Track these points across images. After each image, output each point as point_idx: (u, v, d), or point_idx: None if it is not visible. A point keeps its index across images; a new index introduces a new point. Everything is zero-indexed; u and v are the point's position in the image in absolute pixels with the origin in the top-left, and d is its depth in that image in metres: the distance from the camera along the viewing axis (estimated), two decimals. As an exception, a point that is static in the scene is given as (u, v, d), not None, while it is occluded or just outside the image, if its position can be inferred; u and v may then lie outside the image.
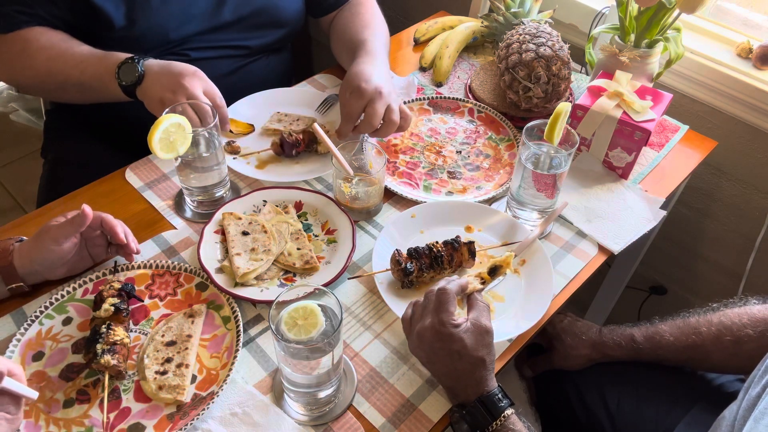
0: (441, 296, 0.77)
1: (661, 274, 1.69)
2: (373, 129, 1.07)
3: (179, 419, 0.77)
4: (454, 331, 0.74)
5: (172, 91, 0.99)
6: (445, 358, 0.76)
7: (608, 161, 1.15)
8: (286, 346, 0.70)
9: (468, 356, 0.74)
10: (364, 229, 1.04)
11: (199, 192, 1.02)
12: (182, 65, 1.02)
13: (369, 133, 1.09)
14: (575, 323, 1.06)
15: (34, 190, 1.29)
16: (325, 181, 1.11)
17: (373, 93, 1.05)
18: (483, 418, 0.74)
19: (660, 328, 1.00)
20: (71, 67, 1.07)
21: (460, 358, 0.75)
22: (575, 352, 1.04)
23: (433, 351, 0.76)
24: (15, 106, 2.52)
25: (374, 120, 1.05)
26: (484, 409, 0.74)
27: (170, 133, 0.90)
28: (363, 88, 1.05)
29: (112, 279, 0.91)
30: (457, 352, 0.74)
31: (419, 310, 0.80)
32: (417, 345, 0.78)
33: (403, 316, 0.82)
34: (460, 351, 0.74)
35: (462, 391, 0.77)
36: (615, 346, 1.01)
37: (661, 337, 0.98)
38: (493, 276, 0.86)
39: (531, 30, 1.20)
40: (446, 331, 0.74)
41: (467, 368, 0.75)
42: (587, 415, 1.02)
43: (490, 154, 1.19)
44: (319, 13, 1.38)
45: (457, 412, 0.78)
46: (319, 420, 0.78)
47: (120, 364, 0.78)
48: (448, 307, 0.76)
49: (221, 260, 0.95)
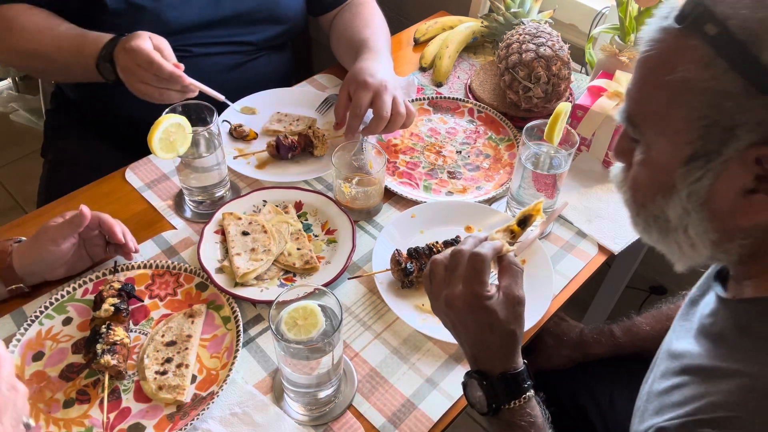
0: (475, 264, 0.68)
1: (661, 274, 1.69)
2: (384, 122, 1.06)
3: (179, 419, 0.77)
4: (487, 304, 0.67)
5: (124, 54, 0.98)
6: (473, 329, 0.69)
7: (608, 161, 1.15)
8: (286, 346, 0.70)
9: (499, 329, 0.68)
10: (364, 229, 1.04)
11: (199, 192, 1.02)
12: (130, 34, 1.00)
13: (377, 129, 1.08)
14: (560, 324, 1.08)
15: (34, 190, 1.29)
16: (325, 181, 1.11)
17: (379, 86, 1.05)
18: (503, 395, 0.68)
19: (636, 320, 1.04)
20: (54, 49, 1.07)
21: (491, 330, 0.68)
22: (557, 353, 1.05)
23: (460, 320, 0.70)
24: (15, 106, 2.52)
25: (383, 112, 1.05)
26: (506, 385, 0.68)
27: (170, 133, 0.90)
28: (369, 81, 1.05)
29: (112, 279, 0.91)
30: (488, 324, 0.68)
31: (444, 271, 0.71)
32: (442, 310, 0.72)
33: (424, 272, 0.75)
34: (492, 324, 0.68)
35: (487, 362, 0.70)
36: (595, 344, 1.04)
37: (639, 328, 1.02)
38: (524, 227, 0.76)
39: (531, 30, 1.20)
40: (479, 304, 0.68)
41: (496, 341, 0.69)
42: (579, 414, 1.03)
43: (490, 154, 1.19)
44: (318, 12, 1.38)
45: (476, 378, 0.71)
46: (319, 420, 0.78)
47: (120, 364, 0.78)
48: (482, 277, 0.68)
49: (221, 260, 0.95)
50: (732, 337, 0.55)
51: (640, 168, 0.57)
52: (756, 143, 0.47)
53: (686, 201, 0.53)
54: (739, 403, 0.49)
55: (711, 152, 0.49)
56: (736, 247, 0.54)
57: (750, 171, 0.48)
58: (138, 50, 0.96)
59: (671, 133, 0.52)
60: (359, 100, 1.05)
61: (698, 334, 0.61)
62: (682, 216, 0.55)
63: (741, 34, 0.45)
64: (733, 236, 0.53)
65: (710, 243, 0.55)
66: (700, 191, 0.52)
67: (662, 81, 0.50)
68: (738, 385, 0.50)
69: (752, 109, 0.46)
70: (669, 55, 0.50)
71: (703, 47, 0.47)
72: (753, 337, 0.53)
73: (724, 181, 0.50)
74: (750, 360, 0.51)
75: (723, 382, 0.52)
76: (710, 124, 0.48)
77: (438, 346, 0.87)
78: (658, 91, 0.51)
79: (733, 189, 0.50)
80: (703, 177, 0.51)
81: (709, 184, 0.51)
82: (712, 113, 0.48)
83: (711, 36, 0.46)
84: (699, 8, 0.47)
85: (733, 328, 0.56)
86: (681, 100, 0.49)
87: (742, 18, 0.45)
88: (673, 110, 0.50)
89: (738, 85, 0.46)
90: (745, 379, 0.50)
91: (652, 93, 0.52)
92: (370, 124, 1.07)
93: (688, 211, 0.54)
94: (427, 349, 0.87)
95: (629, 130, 0.58)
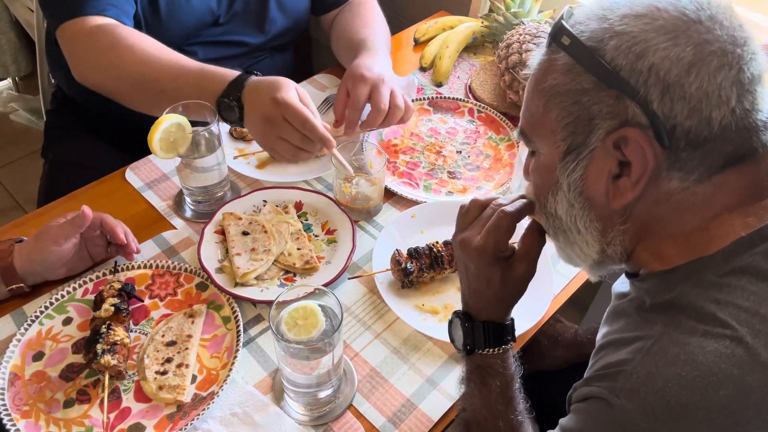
0: (500, 220, 0.70)
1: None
2: (382, 115, 1.06)
3: (179, 419, 0.77)
4: (494, 261, 0.70)
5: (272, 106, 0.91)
6: (473, 277, 0.73)
7: (608, 161, 1.15)
8: (286, 346, 0.70)
9: (495, 287, 0.71)
10: (364, 229, 1.04)
11: (199, 192, 1.02)
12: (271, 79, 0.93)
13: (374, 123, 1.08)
14: (554, 324, 1.09)
15: (34, 190, 1.29)
16: (325, 181, 1.11)
17: (376, 79, 1.06)
18: (480, 340, 0.73)
19: None
20: (167, 79, 0.97)
21: (487, 285, 0.72)
22: (551, 353, 1.06)
23: (465, 264, 0.73)
24: (15, 106, 2.52)
25: (382, 104, 1.05)
26: (485, 332, 0.73)
27: (170, 133, 0.90)
28: (366, 75, 1.06)
29: (112, 279, 0.91)
30: (488, 279, 0.71)
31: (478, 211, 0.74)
32: (457, 244, 0.74)
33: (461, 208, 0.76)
34: (491, 280, 0.71)
35: (475, 308, 0.74)
36: (590, 344, 1.03)
37: None
38: None
39: (531, 30, 1.20)
40: (487, 258, 0.70)
41: (489, 296, 0.73)
42: None
43: (490, 154, 1.19)
44: (320, 11, 1.39)
45: (460, 319, 0.75)
46: (319, 420, 0.78)
47: (120, 364, 0.78)
48: (501, 234, 0.70)
49: (221, 260, 0.95)
50: (633, 313, 0.63)
51: (534, 174, 0.66)
52: (611, 130, 0.55)
53: (567, 192, 0.61)
54: (630, 360, 0.56)
55: (580, 144, 0.58)
56: (618, 233, 0.61)
57: (613, 156, 0.56)
58: (291, 106, 0.90)
59: (549, 134, 0.60)
60: (357, 94, 1.05)
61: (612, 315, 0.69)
62: (569, 210, 0.62)
63: (589, 42, 0.55)
64: (613, 222, 0.60)
65: (597, 233, 0.62)
66: (576, 181, 0.59)
67: (538, 91, 0.60)
68: (632, 348, 0.57)
69: (603, 101, 0.55)
70: (543, 70, 0.60)
71: (564, 57, 0.57)
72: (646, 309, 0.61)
73: (594, 168, 0.58)
74: (643, 327, 0.59)
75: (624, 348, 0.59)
76: (575, 119, 0.57)
77: (438, 346, 0.87)
78: (537, 101, 0.60)
79: (602, 175, 0.57)
80: (576, 167, 0.59)
81: (582, 174, 0.59)
82: (575, 109, 0.57)
83: (566, 46, 0.57)
84: (557, 26, 0.58)
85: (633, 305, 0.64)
86: (553, 103, 0.58)
87: (590, 30, 0.55)
88: (548, 113, 0.59)
89: (591, 83, 0.55)
90: (639, 343, 0.57)
91: (533, 103, 0.61)
92: (368, 118, 1.07)
93: (572, 203, 0.61)
94: (427, 349, 0.87)
95: (525, 143, 0.67)
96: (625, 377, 0.55)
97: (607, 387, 0.56)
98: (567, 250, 0.67)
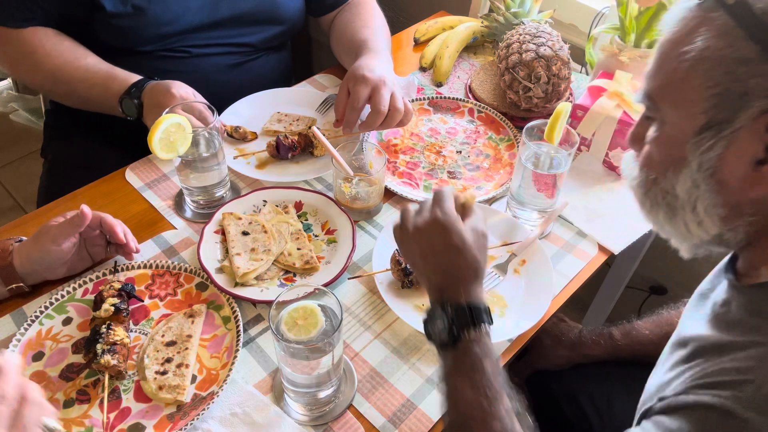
0: (438, 194, 0.72)
1: (661, 274, 1.69)
2: (381, 117, 1.06)
3: (179, 419, 0.77)
4: (455, 223, 0.69)
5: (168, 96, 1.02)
6: (442, 253, 0.70)
7: (608, 161, 1.15)
8: (286, 346, 0.70)
9: (467, 252, 0.69)
10: (364, 229, 1.04)
11: (199, 192, 1.02)
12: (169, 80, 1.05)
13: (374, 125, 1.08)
14: (558, 324, 1.08)
15: (34, 190, 1.29)
16: (325, 181, 1.11)
17: (377, 81, 1.06)
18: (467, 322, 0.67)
19: (637, 324, 1.04)
20: (77, 81, 1.10)
21: (458, 252, 0.69)
22: (554, 353, 1.06)
23: (430, 245, 0.71)
24: (15, 106, 2.52)
25: (381, 106, 1.05)
26: (471, 313, 0.68)
27: (170, 133, 0.90)
28: (368, 76, 1.06)
29: (112, 279, 0.91)
30: (456, 246, 0.69)
31: (412, 214, 0.74)
32: (412, 242, 0.72)
33: (394, 225, 0.76)
34: (459, 245, 0.69)
35: (454, 290, 0.70)
36: (594, 345, 1.04)
37: (638, 332, 1.02)
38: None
39: (531, 30, 1.20)
40: (447, 221, 0.69)
41: (464, 265, 0.69)
42: (578, 415, 1.03)
43: (490, 154, 1.19)
44: (318, 13, 1.38)
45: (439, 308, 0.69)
46: (319, 420, 0.78)
47: (120, 364, 0.78)
48: (448, 202, 0.70)
49: (221, 260, 0.95)
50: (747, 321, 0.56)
51: (653, 145, 0.60)
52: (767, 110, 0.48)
53: (696, 172, 0.54)
54: (753, 368, 0.50)
55: (723, 121, 0.51)
56: (744, 223, 0.55)
57: (760, 140, 0.50)
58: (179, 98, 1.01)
59: (686, 103, 0.53)
60: (357, 94, 1.06)
61: (711, 322, 0.61)
62: (691, 190, 0.56)
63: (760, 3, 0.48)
64: (741, 211, 0.54)
65: (719, 219, 0.56)
66: (710, 161, 0.53)
67: (680, 53, 0.53)
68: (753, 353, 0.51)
69: (765, 75, 0.48)
70: (689, 29, 0.52)
71: (723, 17, 0.50)
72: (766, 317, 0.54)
73: (735, 150, 0.52)
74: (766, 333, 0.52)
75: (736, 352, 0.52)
76: (724, 91, 0.50)
77: (438, 346, 0.87)
78: (676, 64, 0.54)
79: (744, 159, 0.51)
80: (714, 146, 0.52)
81: (719, 154, 0.52)
82: (726, 80, 0.50)
83: (730, 5, 0.49)
84: None
85: (747, 312, 0.56)
86: (697, 68, 0.52)
87: None
88: (689, 80, 0.52)
89: (754, 52, 0.48)
90: (761, 349, 0.51)
91: (670, 67, 0.54)
92: (368, 119, 1.07)
93: (698, 183, 0.55)
94: (427, 349, 0.87)
95: (647, 107, 0.60)
96: (755, 388, 0.49)
97: (729, 397, 0.50)
98: (666, 225, 0.61)
